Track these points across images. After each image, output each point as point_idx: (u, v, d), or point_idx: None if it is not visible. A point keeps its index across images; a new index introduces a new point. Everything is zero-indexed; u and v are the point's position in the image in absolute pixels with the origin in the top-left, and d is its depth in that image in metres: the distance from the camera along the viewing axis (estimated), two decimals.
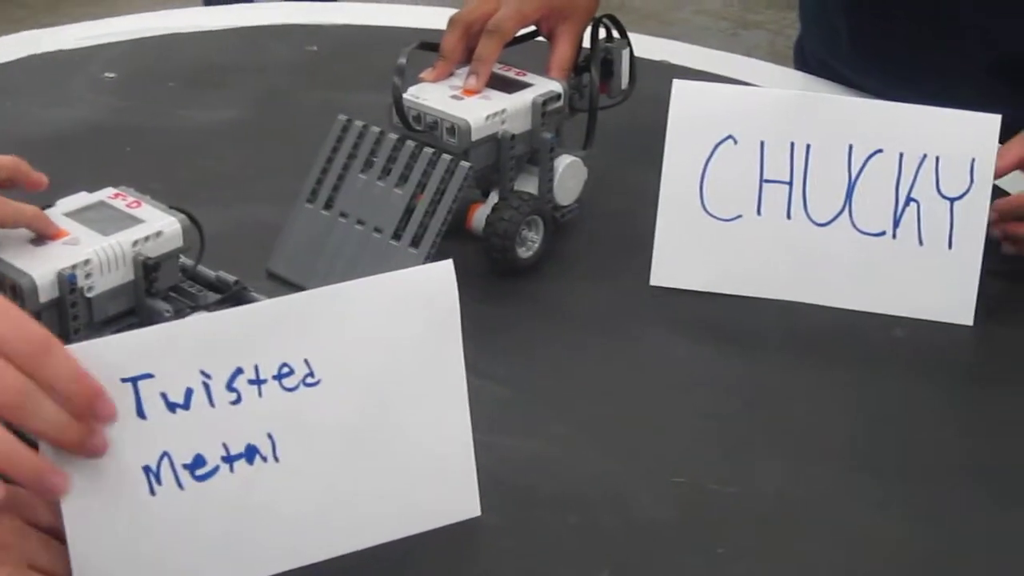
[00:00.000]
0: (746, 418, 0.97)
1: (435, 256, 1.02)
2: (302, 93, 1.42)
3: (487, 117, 1.06)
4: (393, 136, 1.07)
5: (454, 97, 1.09)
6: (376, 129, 1.08)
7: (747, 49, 3.36)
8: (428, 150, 1.05)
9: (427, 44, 1.15)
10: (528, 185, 1.11)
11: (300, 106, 1.40)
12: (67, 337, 0.83)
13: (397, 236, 1.04)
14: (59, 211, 0.89)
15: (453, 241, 1.05)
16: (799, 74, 1.49)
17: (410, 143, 1.06)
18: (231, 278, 0.92)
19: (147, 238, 0.87)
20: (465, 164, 1.04)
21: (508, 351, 1.02)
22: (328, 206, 1.08)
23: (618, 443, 0.94)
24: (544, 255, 1.12)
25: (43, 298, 0.82)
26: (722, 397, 0.99)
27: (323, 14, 1.61)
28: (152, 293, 0.87)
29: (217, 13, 1.63)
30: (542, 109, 1.10)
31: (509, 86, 1.11)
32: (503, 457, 0.90)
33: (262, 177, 1.25)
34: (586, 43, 1.19)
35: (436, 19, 1.58)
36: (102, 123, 1.34)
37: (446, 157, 1.04)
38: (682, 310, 1.08)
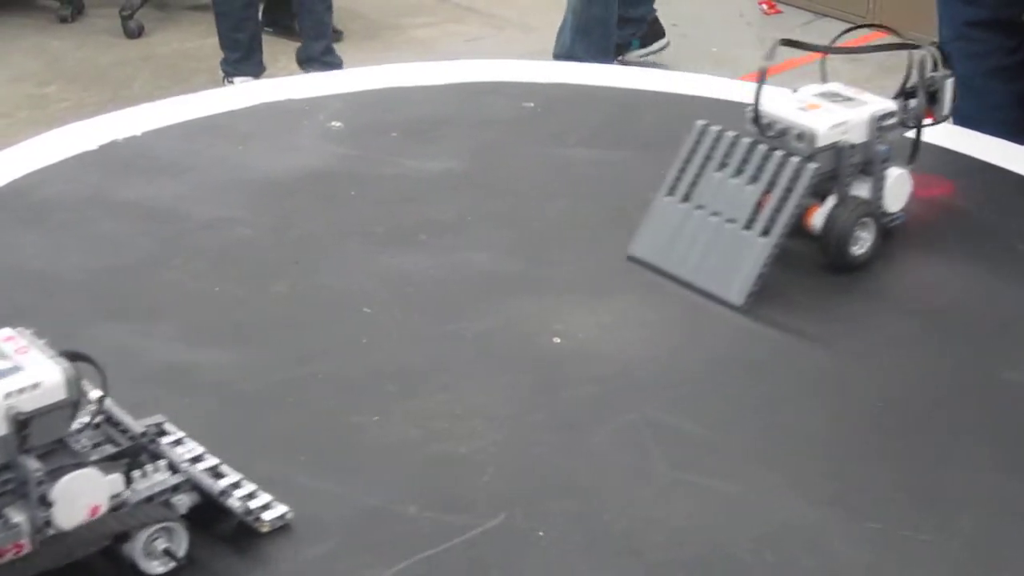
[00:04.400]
0: None
1: (780, 246, 1.16)
2: (517, 147, 1.47)
3: (832, 126, 1.19)
4: (747, 140, 1.20)
5: (800, 108, 1.21)
6: (731, 133, 1.21)
7: None
8: (779, 152, 1.18)
9: (789, 41, 1.25)
10: (860, 192, 1.23)
11: (515, 159, 1.44)
12: None
13: (748, 226, 1.17)
14: None
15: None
16: None
17: (762, 146, 1.20)
18: (139, 428, 0.87)
19: (22, 390, 0.78)
20: (812, 165, 1.17)
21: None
22: (686, 199, 1.22)
23: None
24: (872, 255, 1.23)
25: None
26: None
27: (540, 72, 1.66)
28: (26, 450, 0.78)
29: (437, 69, 1.69)
30: (878, 123, 1.22)
31: (848, 102, 1.24)
32: (698, 504, 0.93)
33: (478, 225, 1.30)
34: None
35: (645, 79, 1.64)
36: (329, 169, 1.41)
37: (795, 159, 1.17)
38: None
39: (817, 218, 1.21)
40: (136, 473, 0.85)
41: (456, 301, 1.16)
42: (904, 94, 1.28)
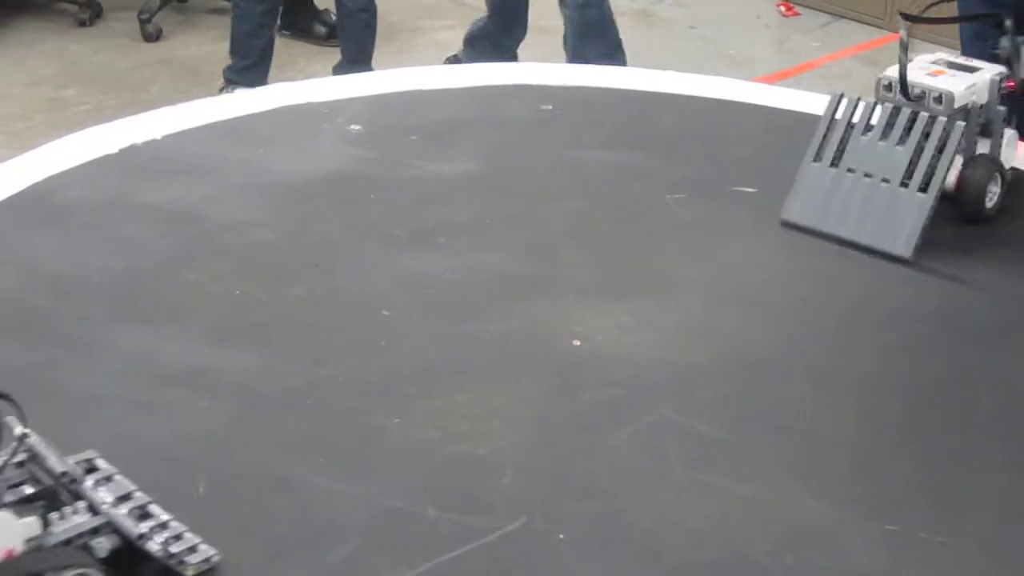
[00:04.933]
0: None
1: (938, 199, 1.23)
2: (536, 149, 1.48)
3: (966, 88, 1.27)
4: (889, 105, 1.28)
5: (929, 75, 1.29)
6: (870, 100, 1.29)
7: None
8: (925, 114, 1.26)
9: (908, 15, 1.29)
10: (982, 150, 1.30)
11: (533, 161, 1.45)
12: None
13: (904, 185, 1.25)
14: None
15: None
16: None
17: (906, 110, 1.27)
18: (60, 468, 0.84)
19: None
20: (961, 123, 1.25)
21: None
22: (834, 164, 1.29)
23: None
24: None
25: None
26: None
27: (557, 75, 1.66)
28: None
29: (456, 72, 1.70)
30: (998, 86, 1.30)
31: (963, 69, 1.31)
32: (714, 506, 0.93)
33: (497, 227, 1.30)
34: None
35: (663, 82, 1.64)
36: (348, 172, 1.41)
37: (942, 119, 1.25)
38: None
39: (949, 176, 1.27)
40: (55, 515, 0.82)
41: (475, 303, 1.17)
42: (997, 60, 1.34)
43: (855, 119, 1.30)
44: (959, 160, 1.29)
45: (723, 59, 4.00)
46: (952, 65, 1.32)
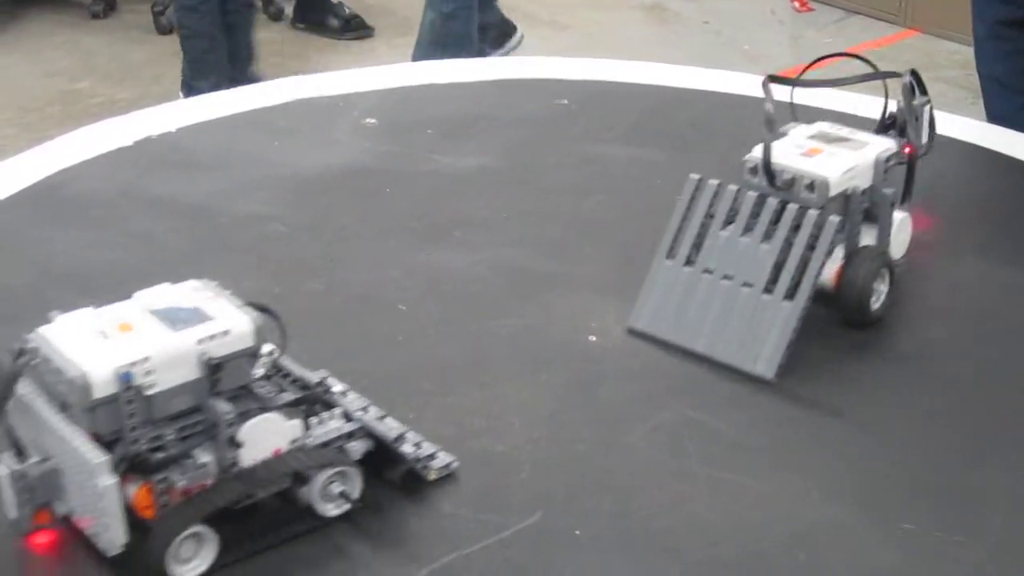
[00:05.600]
0: None
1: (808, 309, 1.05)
2: (551, 144, 1.47)
3: (843, 172, 1.08)
4: (753, 193, 1.09)
5: (802, 154, 1.10)
6: (733, 187, 1.10)
7: None
8: (793, 206, 1.07)
9: (773, 77, 1.14)
10: (867, 241, 1.13)
11: (549, 156, 1.44)
12: (124, 434, 0.81)
13: (768, 290, 1.06)
14: (136, 304, 0.86)
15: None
16: None
17: (772, 200, 1.08)
18: (315, 377, 0.92)
19: (213, 337, 0.83)
20: (835, 218, 1.05)
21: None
22: (689, 262, 1.10)
23: None
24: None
25: (97, 394, 0.80)
26: None
27: (573, 69, 1.66)
28: (216, 393, 0.83)
29: (471, 65, 1.69)
30: (884, 165, 1.12)
31: (845, 143, 1.13)
32: (729, 502, 0.92)
33: (513, 222, 1.29)
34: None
35: (682, 76, 1.64)
36: (363, 166, 1.41)
37: (813, 212, 1.06)
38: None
39: (824, 274, 1.09)
40: (313, 420, 0.89)
41: (491, 298, 1.16)
42: (885, 127, 1.19)
43: (717, 208, 1.10)
44: (840, 252, 1.10)
45: (737, 55, 3.99)
46: (833, 140, 1.13)
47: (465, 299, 1.16)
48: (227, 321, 0.84)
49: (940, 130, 1.25)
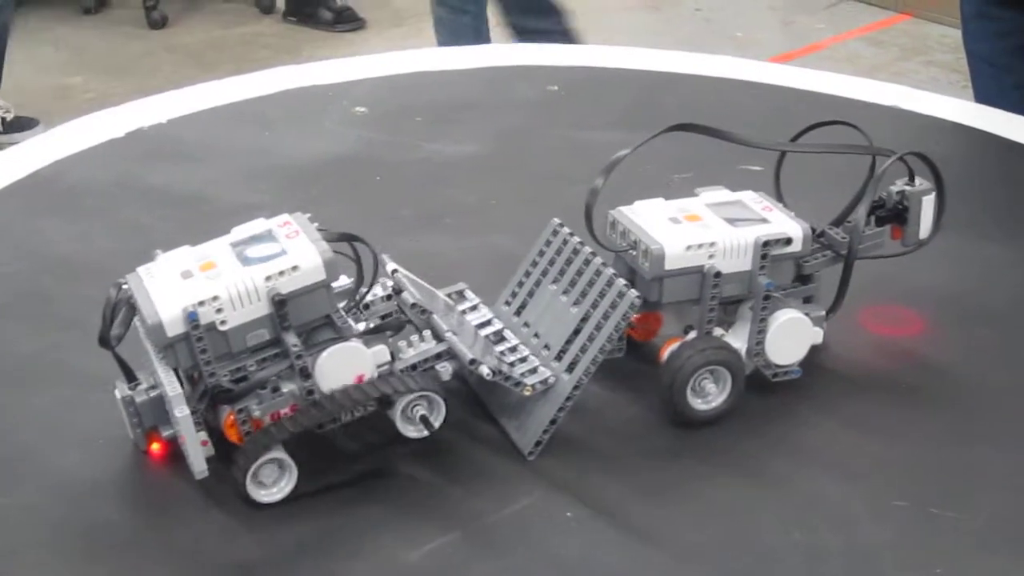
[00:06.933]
0: None
1: (588, 385, 0.94)
2: (541, 130, 1.48)
3: (688, 247, 0.95)
4: (588, 250, 0.97)
5: (670, 219, 0.98)
6: (576, 240, 0.99)
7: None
8: (608, 271, 0.95)
9: (684, 126, 1.03)
10: (740, 333, 0.99)
11: (539, 143, 1.45)
12: (198, 369, 0.86)
13: (559, 357, 0.95)
14: (225, 241, 0.90)
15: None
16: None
17: (597, 260, 0.96)
18: (411, 300, 0.94)
19: (282, 273, 0.85)
20: (633, 293, 0.92)
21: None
22: (518, 312, 1.01)
23: None
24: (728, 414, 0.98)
25: (170, 333, 0.84)
26: None
27: (563, 55, 1.66)
28: (286, 327, 0.86)
29: (461, 53, 1.69)
30: (762, 251, 0.96)
31: (742, 219, 0.99)
32: (720, 484, 0.93)
33: (503, 209, 1.30)
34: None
35: (673, 61, 1.64)
36: (353, 154, 1.41)
37: (620, 282, 0.93)
38: None
39: (666, 354, 0.98)
40: (403, 343, 0.93)
41: (482, 284, 1.16)
42: (873, 208, 1.04)
43: (559, 260, 0.99)
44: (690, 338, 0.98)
45: (729, 41, 4.00)
46: (733, 212, 0.99)
47: (455, 285, 1.16)
48: (297, 257, 0.86)
49: (925, 111, 1.25)
